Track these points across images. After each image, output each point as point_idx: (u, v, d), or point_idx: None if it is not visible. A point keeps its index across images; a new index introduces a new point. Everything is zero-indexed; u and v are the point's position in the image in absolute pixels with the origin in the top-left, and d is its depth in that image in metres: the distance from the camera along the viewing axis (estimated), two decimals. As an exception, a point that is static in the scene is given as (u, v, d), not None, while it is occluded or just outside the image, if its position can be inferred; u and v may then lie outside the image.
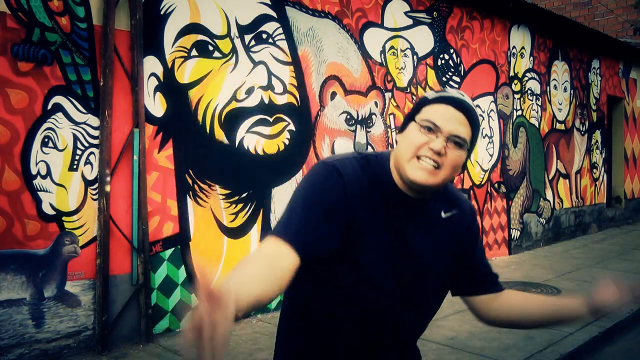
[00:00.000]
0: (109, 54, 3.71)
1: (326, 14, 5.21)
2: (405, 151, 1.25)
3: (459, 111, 1.25)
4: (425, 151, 1.23)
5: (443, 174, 1.24)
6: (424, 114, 1.26)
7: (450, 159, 1.24)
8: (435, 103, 1.26)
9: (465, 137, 1.25)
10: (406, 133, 1.28)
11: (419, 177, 1.23)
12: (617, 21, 12.95)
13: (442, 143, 1.22)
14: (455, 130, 1.23)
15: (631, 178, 10.83)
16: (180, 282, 4.19)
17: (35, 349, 3.44)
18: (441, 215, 1.37)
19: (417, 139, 1.24)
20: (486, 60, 7.17)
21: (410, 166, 1.24)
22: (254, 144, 4.62)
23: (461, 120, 1.25)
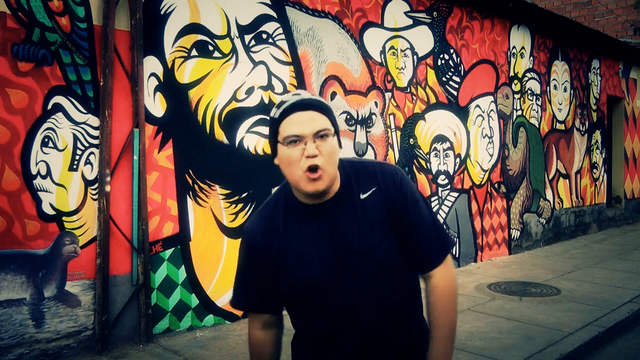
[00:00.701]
0: (109, 54, 3.71)
1: (326, 14, 5.21)
2: (291, 172, 1.38)
3: (305, 110, 1.36)
4: (305, 161, 1.35)
5: (329, 169, 1.37)
6: (283, 133, 1.37)
7: (326, 152, 1.36)
8: (284, 118, 1.37)
9: (325, 126, 1.36)
10: (281, 157, 1.40)
11: (314, 188, 1.36)
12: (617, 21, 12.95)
13: (312, 145, 1.34)
14: (313, 128, 1.35)
15: (631, 178, 10.83)
16: (180, 282, 4.19)
17: (35, 349, 3.44)
18: (360, 197, 1.46)
19: (294, 156, 1.36)
20: (486, 60, 7.17)
21: (304, 182, 1.37)
22: (254, 144, 4.62)
23: (312, 116, 1.36)
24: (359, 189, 1.47)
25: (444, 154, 6.53)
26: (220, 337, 4.08)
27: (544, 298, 5.16)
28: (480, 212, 7.03)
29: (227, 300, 4.45)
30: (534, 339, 4.02)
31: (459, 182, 6.71)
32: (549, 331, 4.19)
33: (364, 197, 1.46)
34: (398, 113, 5.94)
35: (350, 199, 1.46)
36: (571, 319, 4.50)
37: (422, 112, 6.23)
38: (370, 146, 5.60)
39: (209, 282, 4.35)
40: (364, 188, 1.47)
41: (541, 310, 4.76)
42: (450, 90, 6.62)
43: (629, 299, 5.13)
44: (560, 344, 3.94)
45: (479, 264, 6.87)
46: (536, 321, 4.44)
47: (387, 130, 5.81)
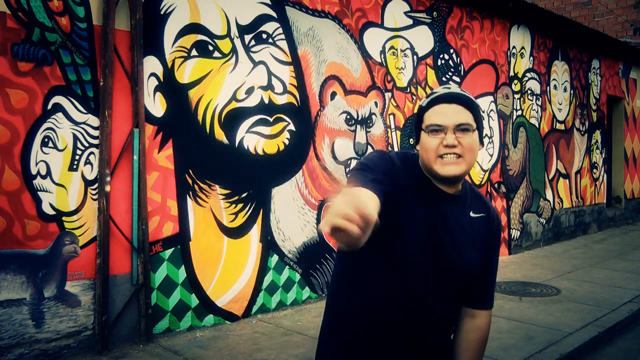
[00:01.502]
0: (109, 54, 3.71)
1: (326, 14, 5.21)
2: (428, 157, 1.42)
3: (452, 103, 1.41)
4: (443, 149, 1.40)
5: (467, 160, 1.41)
6: (427, 121, 1.43)
7: (466, 144, 1.40)
8: (431, 107, 1.43)
9: (468, 121, 1.41)
10: (422, 143, 1.45)
11: (448, 171, 1.40)
12: (617, 21, 12.95)
13: (452, 136, 1.39)
14: (457, 120, 1.40)
15: (631, 178, 10.83)
16: (180, 282, 4.19)
17: (35, 349, 3.44)
18: (470, 214, 1.52)
19: (433, 144, 1.41)
20: (486, 60, 7.18)
21: (437, 166, 1.41)
22: (254, 144, 4.62)
23: (458, 110, 1.41)
24: (471, 207, 1.53)
25: (444, 154, 6.52)
26: (220, 337, 4.09)
27: (544, 298, 5.16)
28: (480, 212, 7.02)
29: (227, 300, 4.45)
30: (534, 339, 4.02)
31: (459, 182, 6.71)
32: (548, 331, 4.19)
33: (473, 216, 1.53)
34: (398, 113, 5.94)
35: (464, 209, 1.52)
36: (571, 319, 4.50)
37: (422, 112, 6.22)
38: (370, 146, 5.60)
39: (209, 282, 4.35)
40: (475, 208, 1.54)
41: (541, 310, 4.76)
42: (450, 90, 6.61)
43: (629, 299, 5.14)
44: (560, 344, 3.94)
45: (479, 264, 6.86)
46: (536, 321, 4.44)
47: (387, 130, 5.81)
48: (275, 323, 4.44)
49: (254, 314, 4.62)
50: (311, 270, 5.08)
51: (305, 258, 5.02)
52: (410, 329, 1.46)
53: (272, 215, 4.76)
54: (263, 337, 4.10)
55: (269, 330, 4.25)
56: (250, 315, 4.59)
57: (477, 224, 1.53)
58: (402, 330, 1.45)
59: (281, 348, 3.83)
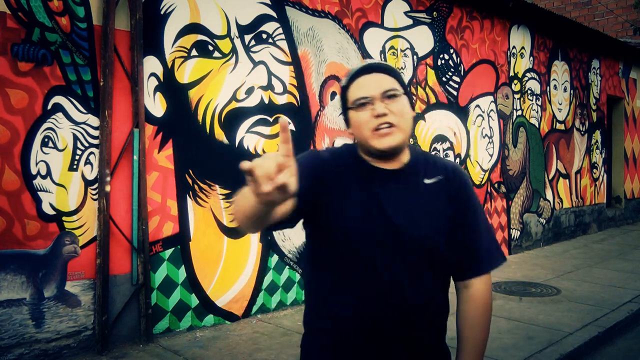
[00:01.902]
0: (109, 54, 3.71)
1: (326, 14, 5.21)
2: (362, 134, 1.36)
3: (372, 73, 1.37)
4: (375, 121, 1.33)
5: (401, 127, 1.34)
6: (351, 97, 1.38)
7: (397, 110, 1.34)
8: (351, 83, 1.38)
9: (393, 86, 1.35)
10: (352, 123, 1.39)
11: (386, 144, 1.33)
12: (617, 21, 12.95)
13: (381, 105, 1.33)
14: (381, 87, 1.34)
15: (631, 178, 10.83)
16: (180, 282, 4.19)
17: (35, 349, 3.44)
18: (425, 182, 1.42)
19: (363, 118, 1.35)
20: (486, 60, 7.17)
21: (374, 141, 1.34)
22: (254, 144, 4.62)
23: (380, 77, 1.36)
24: (425, 174, 1.42)
25: (444, 154, 6.53)
26: (220, 337, 4.09)
27: (544, 298, 5.16)
28: (480, 212, 7.02)
29: (227, 300, 4.45)
30: (534, 339, 4.02)
31: (459, 182, 6.71)
32: (549, 331, 4.19)
33: (428, 182, 1.41)
34: (398, 113, 5.93)
35: (415, 179, 1.41)
36: (571, 319, 4.50)
37: (422, 112, 6.23)
38: (370, 146, 5.60)
39: (209, 282, 4.35)
40: (429, 174, 1.42)
41: (541, 310, 4.76)
42: (450, 90, 6.62)
43: (629, 299, 5.14)
44: (560, 344, 3.94)
45: (479, 264, 6.86)
46: (536, 321, 4.44)
47: (387, 130, 5.80)
48: (275, 323, 4.44)
49: (254, 314, 4.62)
50: (311, 270, 5.08)
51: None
52: (393, 323, 1.35)
53: (272, 215, 4.75)
54: (263, 337, 4.10)
55: (269, 330, 4.25)
56: (250, 315, 4.59)
57: (435, 189, 1.41)
58: (389, 326, 1.36)
59: (281, 348, 3.83)
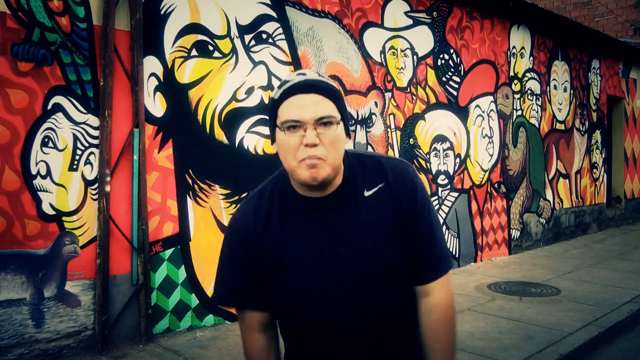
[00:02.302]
0: (109, 54, 3.71)
1: (326, 14, 5.21)
2: (288, 161, 1.24)
3: (308, 93, 1.21)
4: (304, 152, 1.20)
5: (330, 160, 1.22)
6: (281, 117, 1.23)
7: (328, 141, 1.21)
8: (285, 99, 1.22)
9: (329, 113, 1.21)
10: (278, 143, 1.25)
11: (311, 177, 1.22)
12: (617, 21, 12.95)
13: (312, 133, 1.19)
14: (316, 113, 1.20)
15: (631, 178, 10.83)
16: (180, 282, 4.19)
17: (35, 349, 3.44)
18: (365, 194, 1.32)
19: (291, 143, 1.21)
20: (486, 60, 7.17)
21: (300, 171, 1.22)
22: (254, 144, 4.62)
23: (317, 100, 1.21)
24: (363, 185, 1.32)
25: (444, 154, 6.53)
26: (220, 337, 4.08)
27: (544, 298, 5.16)
28: (480, 212, 7.03)
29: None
30: (534, 339, 4.02)
31: (459, 182, 6.71)
32: (549, 331, 4.19)
33: (368, 195, 1.31)
34: (398, 113, 5.94)
35: (353, 196, 1.31)
36: (571, 319, 4.50)
37: (422, 112, 6.23)
38: (370, 146, 5.60)
39: (209, 282, 4.35)
40: (369, 184, 1.32)
41: (541, 310, 4.76)
42: (450, 90, 6.62)
43: (629, 299, 5.13)
44: (560, 344, 3.94)
45: (479, 264, 6.87)
46: (536, 321, 4.44)
47: (387, 130, 5.81)
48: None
49: (254, 314, 4.62)
50: (311, 270, 5.08)
51: (305, 258, 5.01)
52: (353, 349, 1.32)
53: (272, 215, 4.75)
54: (263, 337, 4.09)
55: (269, 330, 4.25)
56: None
57: (377, 199, 1.31)
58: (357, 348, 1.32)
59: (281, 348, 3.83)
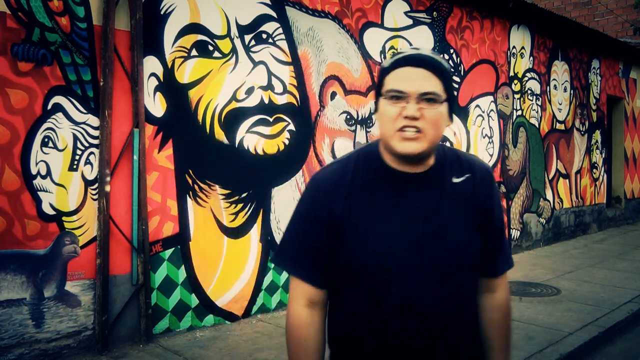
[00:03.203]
0: (109, 54, 3.71)
1: (326, 14, 5.21)
2: (385, 129, 1.25)
3: (419, 67, 1.21)
4: (402, 121, 1.21)
5: (428, 136, 1.22)
6: (387, 85, 1.24)
7: (429, 117, 1.21)
8: (394, 69, 1.24)
9: (434, 90, 1.21)
10: (379, 111, 1.27)
11: (406, 148, 1.22)
12: (617, 21, 12.95)
13: (414, 107, 1.20)
14: (421, 88, 1.20)
15: (631, 178, 10.83)
16: (180, 282, 4.19)
17: (35, 349, 3.44)
18: (452, 181, 1.33)
19: (391, 113, 1.22)
20: (486, 60, 7.17)
21: (395, 141, 1.23)
22: (254, 144, 4.62)
23: (425, 76, 1.21)
24: (452, 172, 1.33)
25: (444, 154, 6.52)
26: (220, 337, 4.09)
27: (544, 298, 5.16)
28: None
29: (227, 300, 4.45)
30: (534, 338, 4.02)
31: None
32: (549, 331, 4.19)
33: (456, 182, 1.32)
34: (398, 113, 5.93)
35: (442, 180, 1.31)
36: (571, 319, 4.50)
37: (422, 112, 6.22)
38: (370, 146, 5.60)
39: (209, 282, 4.35)
40: (458, 172, 1.34)
41: (541, 310, 4.76)
42: (450, 90, 6.61)
43: (629, 299, 5.14)
44: (560, 344, 3.94)
45: (479, 264, 6.86)
46: (536, 321, 4.44)
47: (387, 130, 5.80)
48: (276, 323, 4.43)
49: (254, 314, 4.62)
50: (311, 270, 5.08)
51: (305, 258, 5.01)
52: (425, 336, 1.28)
53: (272, 215, 4.76)
54: (263, 337, 4.10)
55: (269, 330, 4.25)
56: (250, 315, 4.59)
57: (463, 188, 1.32)
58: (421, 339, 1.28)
59: (281, 348, 3.83)
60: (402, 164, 1.28)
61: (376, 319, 1.28)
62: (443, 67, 1.24)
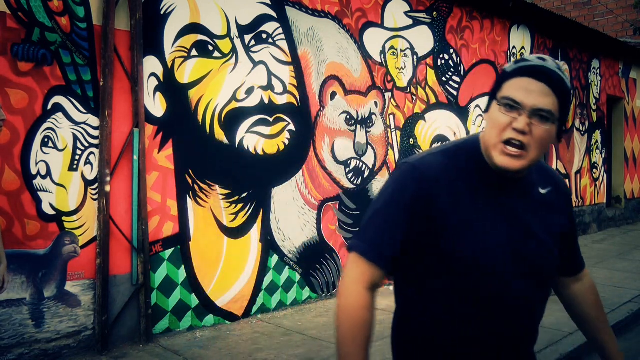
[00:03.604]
0: (109, 54, 3.71)
1: (326, 14, 5.21)
2: (490, 135, 1.22)
3: (540, 82, 1.18)
4: (510, 133, 1.18)
5: (531, 155, 1.20)
6: (504, 91, 1.21)
7: (537, 136, 1.18)
8: (514, 77, 1.20)
9: (550, 109, 1.17)
10: (490, 114, 1.24)
11: (505, 163, 1.20)
12: (617, 21, 12.95)
13: (525, 121, 1.17)
14: (537, 103, 1.17)
15: (631, 178, 10.82)
16: (180, 282, 4.19)
17: (35, 349, 3.44)
18: (540, 192, 1.34)
19: (500, 120, 1.19)
20: (486, 60, 7.17)
21: (496, 152, 1.21)
22: (254, 144, 4.62)
23: (544, 92, 1.17)
24: (539, 183, 1.34)
25: (444, 154, 6.52)
26: (220, 337, 4.08)
27: (544, 298, 5.16)
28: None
29: (227, 300, 4.45)
30: (534, 339, 4.02)
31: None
32: (549, 331, 4.19)
33: (543, 192, 1.34)
34: (398, 113, 5.94)
35: (533, 190, 1.33)
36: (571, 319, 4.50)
37: (422, 112, 6.23)
38: (370, 146, 5.60)
39: (209, 282, 4.35)
40: (542, 184, 1.35)
41: (541, 310, 4.75)
42: (450, 90, 6.62)
43: (629, 299, 5.13)
44: (560, 344, 3.94)
45: (479, 264, 6.86)
46: (536, 321, 4.44)
47: (387, 130, 5.81)
48: (275, 323, 4.44)
49: (254, 314, 4.62)
50: (311, 270, 5.08)
51: (305, 258, 5.02)
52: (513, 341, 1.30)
53: (272, 215, 4.76)
54: (263, 337, 4.10)
55: (269, 330, 4.25)
56: (250, 315, 4.59)
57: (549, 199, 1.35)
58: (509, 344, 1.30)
59: (281, 348, 3.83)
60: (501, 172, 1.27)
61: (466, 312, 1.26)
62: (565, 86, 1.20)
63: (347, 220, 5.39)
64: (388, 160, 5.81)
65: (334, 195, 5.27)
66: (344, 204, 5.36)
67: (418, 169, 1.27)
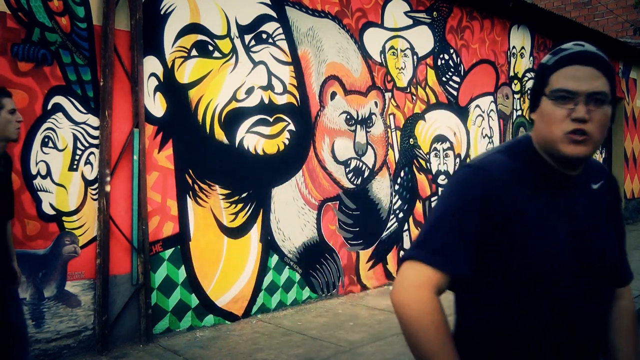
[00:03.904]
0: (109, 54, 3.71)
1: (326, 14, 5.21)
2: (551, 132, 1.17)
3: (585, 65, 1.16)
4: (571, 124, 1.14)
5: (594, 139, 1.15)
6: (552, 84, 1.17)
7: (597, 120, 1.14)
8: (559, 68, 1.18)
9: (604, 90, 1.15)
10: (541, 111, 1.19)
11: (575, 152, 1.15)
12: (617, 21, 12.95)
13: (583, 108, 1.13)
14: (591, 88, 1.14)
15: (631, 178, 10.82)
16: (180, 282, 4.19)
17: (35, 349, 3.44)
18: (592, 187, 1.28)
19: (556, 114, 1.15)
20: (486, 60, 7.17)
21: (562, 145, 1.16)
22: (254, 144, 4.62)
23: (594, 75, 1.15)
24: (590, 178, 1.28)
25: (444, 154, 6.53)
26: (220, 337, 4.09)
27: (544, 298, 5.15)
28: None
29: (227, 300, 4.45)
30: (534, 339, 4.02)
31: (459, 182, 6.70)
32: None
33: (595, 188, 1.28)
34: (398, 113, 5.94)
35: (588, 186, 1.27)
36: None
37: (422, 112, 6.23)
38: (370, 146, 5.60)
39: (209, 282, 4.35)
40: (593, 178, 1.29)
41: (541, 310, 4.75)
42: (450, 90, 6.62)
43: (629, 299, 5.12)
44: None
45: (479, 264, 6.86)
46: (536, 321, 4.43)
47: (387, 130, 5.81)
48: (275, 323, 4.44)
49: (254, 314, 4.62)
50: (311, 270, 5.08)
51: (305, 258, 5.02)
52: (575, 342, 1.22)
53: (272, 215, 4.76)
54: (263, 337, 4.10)
55: (269, 330, 4.25)
56: (250, 315, 4.59)
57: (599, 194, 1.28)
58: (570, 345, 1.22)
59: (281, 348, 3.83)
60: (565, 166, 1.22)
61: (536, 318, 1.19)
62: (610, 64, 1.18)
63: (347, 220, 5.39)
64: (388, 160, 5.81)
65: (334, 195, 5.27)
66: (344, 204, 5.36)
67: (483, 169, 1.21)
